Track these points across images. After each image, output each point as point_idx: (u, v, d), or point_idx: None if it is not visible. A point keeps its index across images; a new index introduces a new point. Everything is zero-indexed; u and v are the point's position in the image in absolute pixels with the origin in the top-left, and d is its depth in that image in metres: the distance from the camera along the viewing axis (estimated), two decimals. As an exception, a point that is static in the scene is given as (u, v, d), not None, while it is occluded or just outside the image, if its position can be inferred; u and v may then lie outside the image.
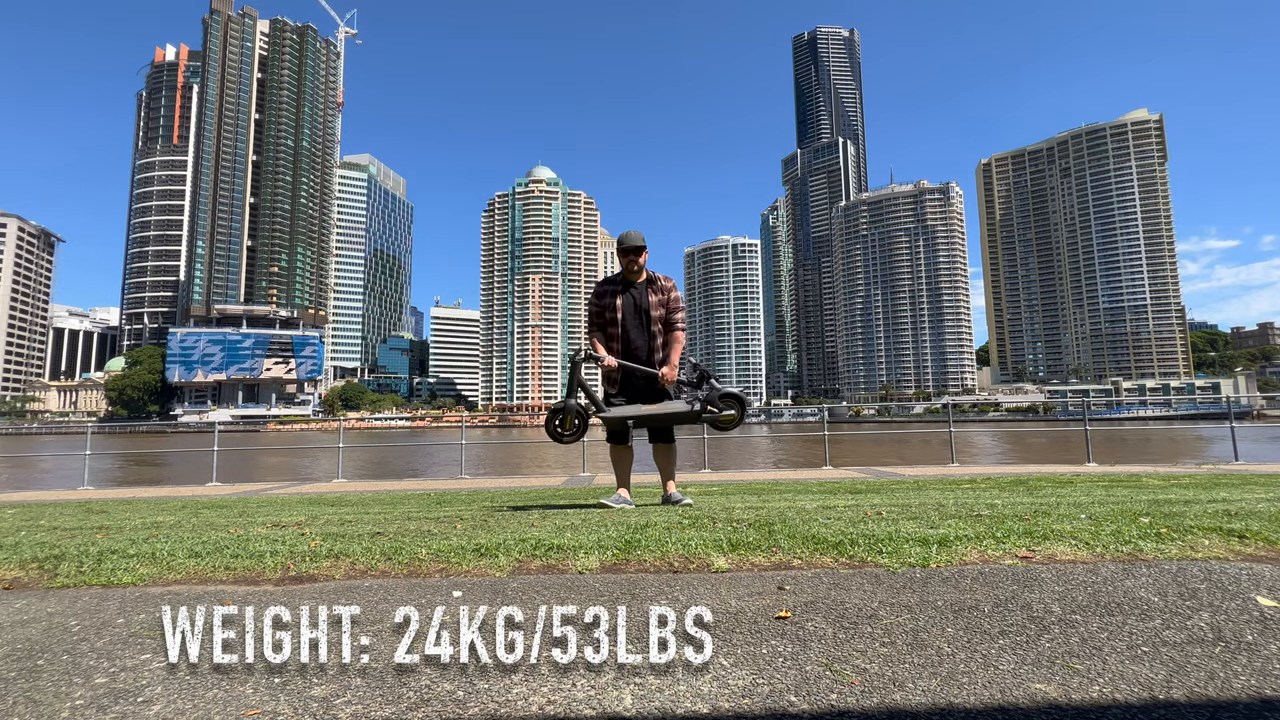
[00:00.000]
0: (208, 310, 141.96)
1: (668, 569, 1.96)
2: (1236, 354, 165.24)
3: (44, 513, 4.26)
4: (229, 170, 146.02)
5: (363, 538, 2.54)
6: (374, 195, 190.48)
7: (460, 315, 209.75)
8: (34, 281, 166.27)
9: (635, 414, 3.72)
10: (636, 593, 1.73)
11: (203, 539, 2.62)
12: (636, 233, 3.88)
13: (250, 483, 9.15)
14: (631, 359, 3.82)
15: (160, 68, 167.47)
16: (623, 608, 1.50)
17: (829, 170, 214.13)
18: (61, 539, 2.80)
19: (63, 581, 2.00)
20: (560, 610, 1.54)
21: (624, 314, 3.88)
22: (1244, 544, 2.08)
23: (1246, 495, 3.57)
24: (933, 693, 1.03)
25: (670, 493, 3.92)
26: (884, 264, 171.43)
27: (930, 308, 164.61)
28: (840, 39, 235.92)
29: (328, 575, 1.96)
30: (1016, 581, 1.69)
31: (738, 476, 7.24)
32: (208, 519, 3.57)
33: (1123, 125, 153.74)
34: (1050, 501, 3.36)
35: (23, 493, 7.76)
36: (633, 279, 3.92)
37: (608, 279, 4.04)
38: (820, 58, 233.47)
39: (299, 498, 5.38)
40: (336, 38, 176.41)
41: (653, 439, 3.96)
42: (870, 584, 1.70)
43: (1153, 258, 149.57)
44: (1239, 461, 8.58)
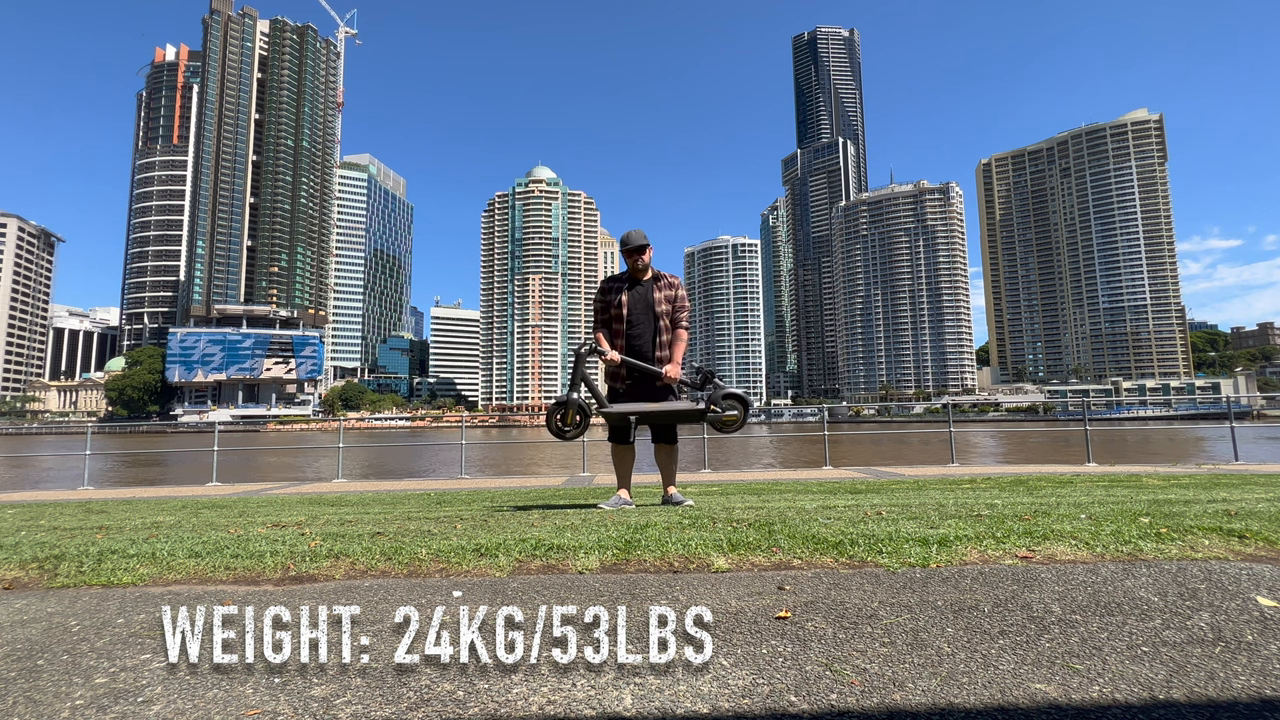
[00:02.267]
0: (208, 310, 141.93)
1: (668, 569, 1.96)
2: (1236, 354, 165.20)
3: (44, 513, 4.26)
4: (229, 170, 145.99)
5: (363, 538, 2.54)
6: (374, 195, 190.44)
7: (460, 315, 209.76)
8: (34, 281, 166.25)
9: (638, 410, 3.67)
10: (636, 593, 1.73)
11: (203, 539, 2.62)
12: (638, 231, 3.86)
13: (250, 483, 9.15)
14: (636, 356, 3.78)
15: (160, 68, 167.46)
16: (623, 608, 1.50)
17: (829, 170, 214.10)
18: (61, 539, 2.80)
19: (63, 581, 2.00)
20: (560, 610, 1.54)
21: (630, 310, 3.83)
22: (1244, 544, 2.08)
23: (1246, 495, 3.57)
24: (933, 693, 1.03)
25: (670, 494, 3.90)
26: (884, 264, 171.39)
27: (930, 308, 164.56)
28: (840, 39, 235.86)
29: (328, 575, 1.96)
30: (1016, 581, 1.69)
31: (738, 476, 7.24)
32: (208, 519, 3.57)
33: (1123, 125, 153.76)
34: (1050, 501, 3.36)
35: (23, 493, 7.77)
36: (639, 276, 3.90)
37: (614, 276, 4.00)
38: (820, 58, 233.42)
39: (299, 498, 5.38)
40: (336, 38, 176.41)
41: (655, 439, 3.93)
42: (870, 584, 1.70)
43: (1153, 258, 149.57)
44: (1239, 461, 8.57)
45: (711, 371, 3.74)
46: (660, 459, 3.99)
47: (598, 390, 3.77)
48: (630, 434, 3.78)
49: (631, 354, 3.80)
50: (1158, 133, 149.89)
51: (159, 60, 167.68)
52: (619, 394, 3.82)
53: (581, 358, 3.73)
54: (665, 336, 3.87)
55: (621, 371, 3.79)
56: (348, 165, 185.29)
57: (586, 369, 3.73)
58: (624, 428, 3.74)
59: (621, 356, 3.74)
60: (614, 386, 3.86)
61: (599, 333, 3.91)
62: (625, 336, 3.84)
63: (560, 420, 3.71)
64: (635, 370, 3.76)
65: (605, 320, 3.92)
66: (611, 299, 3.89)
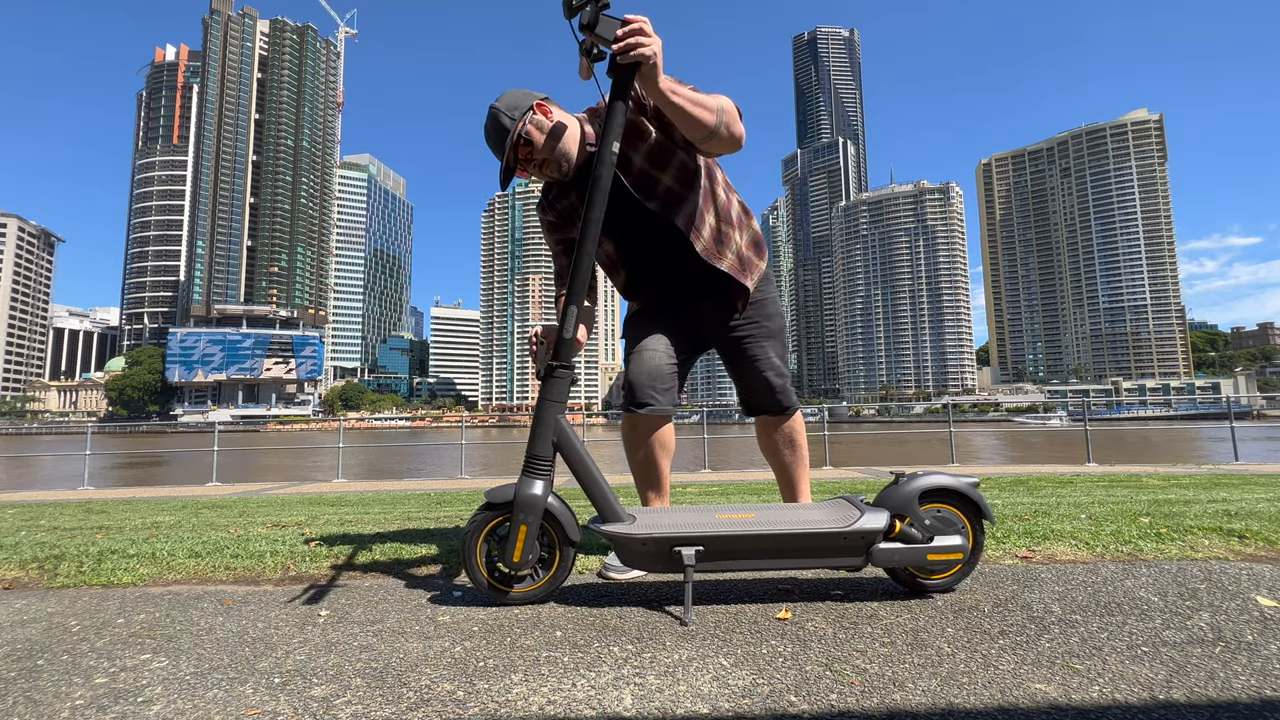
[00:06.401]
0: (208, 310, 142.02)
1: (668, 569, 1.96)
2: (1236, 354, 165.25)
3: (44, 513, 4.26)
4: (229, 170, 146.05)
5: (364, 538, 2.54)
6: (374, 195, 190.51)
7: (460, 315, 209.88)
8: (34, 281, 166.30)
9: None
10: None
11: (203, 539, 2.62)
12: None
13: (250, 483, 9.15)
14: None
15: (160, 68, 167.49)
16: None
17: (829, 170, 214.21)
18: (61, 539, 2.80)
19: (63, 581, 2.01)
20: (560, 609, 1.55)
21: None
22: (1244, 544, 2.08)
23: (1246, 495, 3.57)
24: (933, 693, 1.04)
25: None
26: (884, 264, 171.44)
27: (930, 308, 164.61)
28: (840, 39, 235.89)
29: (328, 575, 1.96)
30: (1016, 581, 1.70)
31: (738, 476, 7.24)
32: (208, 519, 3.57)
33: (1123, 125, 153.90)
34: (1050, 501, 3.36)
35: (23, 493, 7.77)
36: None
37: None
38: (820, 58, 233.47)
39: (299, 498, 5.38)
40: (336, 38, 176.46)
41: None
42: (870, 583, 1.71)
43: (1153, 257, 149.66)
44: (1239, 461, 8.58)
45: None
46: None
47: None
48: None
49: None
50: (1158, 133, 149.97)
51: (159, 60, 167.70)
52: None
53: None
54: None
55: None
56: (348, 165, 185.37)
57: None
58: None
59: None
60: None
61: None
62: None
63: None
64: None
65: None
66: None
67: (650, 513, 1.66)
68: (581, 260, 1.55)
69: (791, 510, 1.65)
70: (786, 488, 2.05)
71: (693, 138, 1.68)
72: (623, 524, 1.55)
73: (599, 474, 1.59)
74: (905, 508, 1.55)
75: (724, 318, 1.97)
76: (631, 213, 1.84)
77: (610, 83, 1.56)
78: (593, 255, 1.57)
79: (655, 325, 1.98)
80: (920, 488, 1.57)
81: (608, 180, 1.54)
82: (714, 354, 2.14)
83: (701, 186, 1.84)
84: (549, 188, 1.96)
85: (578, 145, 1.79)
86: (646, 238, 1.91)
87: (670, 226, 1.85)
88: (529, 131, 1.71)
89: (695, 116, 1.62)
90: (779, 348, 2.01)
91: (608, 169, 1.53)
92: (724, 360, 2.04)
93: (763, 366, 1.97)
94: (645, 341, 1.94)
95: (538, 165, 1.78)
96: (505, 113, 1.71)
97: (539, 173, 1.81)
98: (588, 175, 1.76)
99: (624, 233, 1.93)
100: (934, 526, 1.55)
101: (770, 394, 1.98)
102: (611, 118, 1.54)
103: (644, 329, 1.98)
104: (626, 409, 1.91)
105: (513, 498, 1.55)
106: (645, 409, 1.87)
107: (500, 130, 1.71)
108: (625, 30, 1.49)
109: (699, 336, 2.03)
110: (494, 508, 1.59)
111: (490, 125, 1.73)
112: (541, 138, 1.73)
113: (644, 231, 1.89)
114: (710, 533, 1.49)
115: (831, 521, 1.52)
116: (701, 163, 1.85)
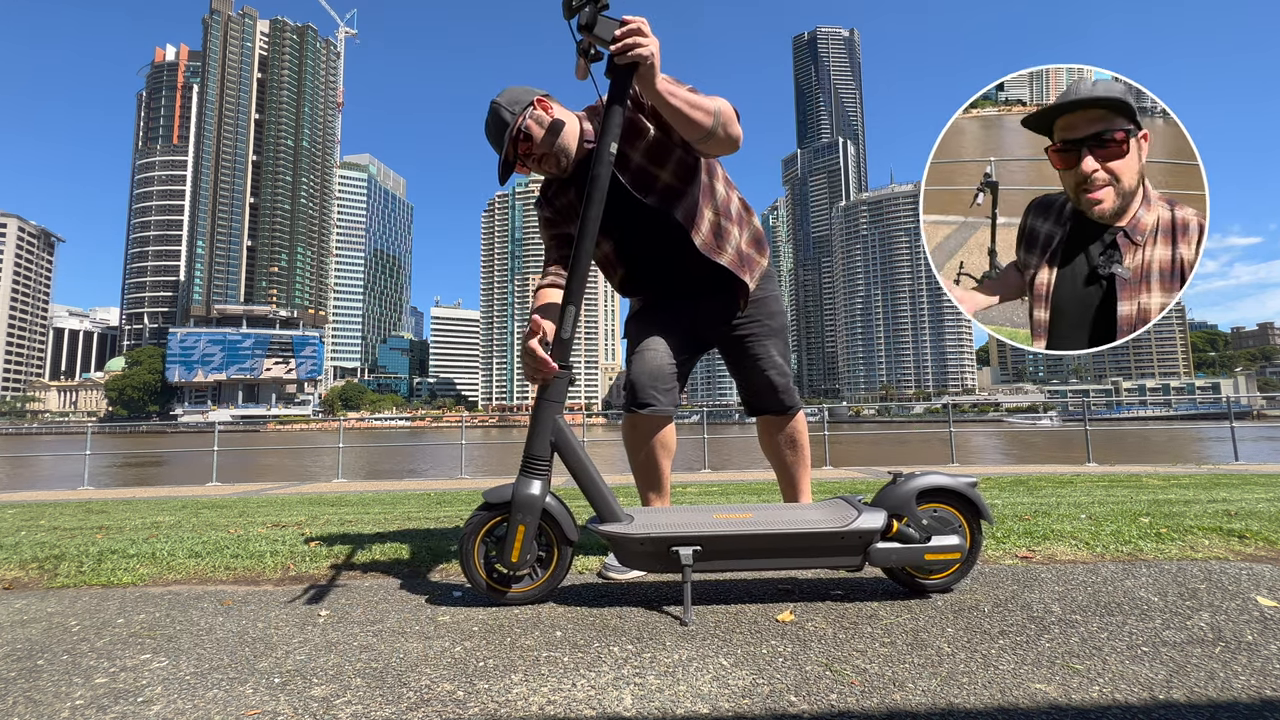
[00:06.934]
0: (208, 310, 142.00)
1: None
2: (1236, 354, 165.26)
3: (44, 513, 4.26)
4: (229, 170, 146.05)
5: (364, 538, 2.54)
6: (374, 195, 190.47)
7: (460, 315, 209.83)
8: (34, 281, 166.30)
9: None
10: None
11: (203, 539, 2.62)
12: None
13: (250, 483, 9.15)
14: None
15: (160, 68, 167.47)
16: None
17: (829, 170, 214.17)
18: (61, 539, 2.80)
19: (63, 581, 2.01)
20: (560, 609, 1.55)
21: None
22: (1244, 544, 2.08)
23: (1246, 495, 3.57)
24: (933, 693, 1.04)
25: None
26: (884, 264, 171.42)
27: (930, 307, 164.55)
28: (840, 39, 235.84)
29: (328, 575, 1.97)
30: (1016, 581, 1.70)
31: (738, 476, 7.24)
32: (208, 519, 3.57)
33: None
34: (1050, 501, 3.36)
35: (23, 493, 7.77)
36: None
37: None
38: (820, 58, 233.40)
39: (299, 498, 5.38)
40: (336, 38, 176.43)
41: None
42: (870, 584, 1.71)
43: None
44: (1239, 461, 8.58)
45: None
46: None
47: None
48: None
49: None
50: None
51: (159, 60, 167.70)
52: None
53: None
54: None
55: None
56: (348, 165, 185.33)
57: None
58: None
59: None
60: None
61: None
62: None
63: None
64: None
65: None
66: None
67: (648, 513, 1.66)
68: (580, 260, 1.54)
69: (789, 510, 1.65)
70: (788, 488, 2.04)
71: (689, 139, 1.69)
72: (620, 524, 1.55)
73: (597, 474, 1.59)
74: (902, 508, 1.55)
75: (725, 316, 1.95)
76: (630, 210, 1.82)
77: (608, 83, 1.57)
78: (591, 254, 1.57)
79: (656, 325, 1.96)
80: (917, 488, 1.57)
81: (606, 179, 1.54)
82: (714, 353, 2.14)
83: (700, 182, 1.83)
84: (548, 184, 1.95)
85: (576, 141, 1.80)
86: (646, 235, 1.89)
87: (669, 222, 1.82)
88: (529, 126, 1.74)
89: (692, 118, 1.62)
90: (781, 346, 1.99)
91: (606, 168, 1.54)
92: (725, 359, 2.03)
93: (765, 365, 1.95)
94: (647, 341, 1.92)
95: (537, 160, 1.79)
96: (506, 107, 1.73)
97: (538, 168, 1.82)
98: (586, 172, 1.73)
99: (623, 231, 1.91)
100: (931, 526, 1.55)
101: (773, 393, 1.96)
102: (609, 118, 1.55)
103: (645, 328, 1.96)
104: (628, 409, 1.89)
105: (510, 498, 1.55)
106: (647, 409, 1.86)
107: (500, 124, 1.73)
108: (623, 31, 1.49)
109: (700, 336, 2.01)
110: (492, 508, 1.58)
111: (491, 120, 1.75)
112: (541, 133, 1.75)
113: (643, 229, 1.88)
114: (708, 533, 1.50)
115: (829, 521, 1.52)
116: (700, 158, 1.84)
